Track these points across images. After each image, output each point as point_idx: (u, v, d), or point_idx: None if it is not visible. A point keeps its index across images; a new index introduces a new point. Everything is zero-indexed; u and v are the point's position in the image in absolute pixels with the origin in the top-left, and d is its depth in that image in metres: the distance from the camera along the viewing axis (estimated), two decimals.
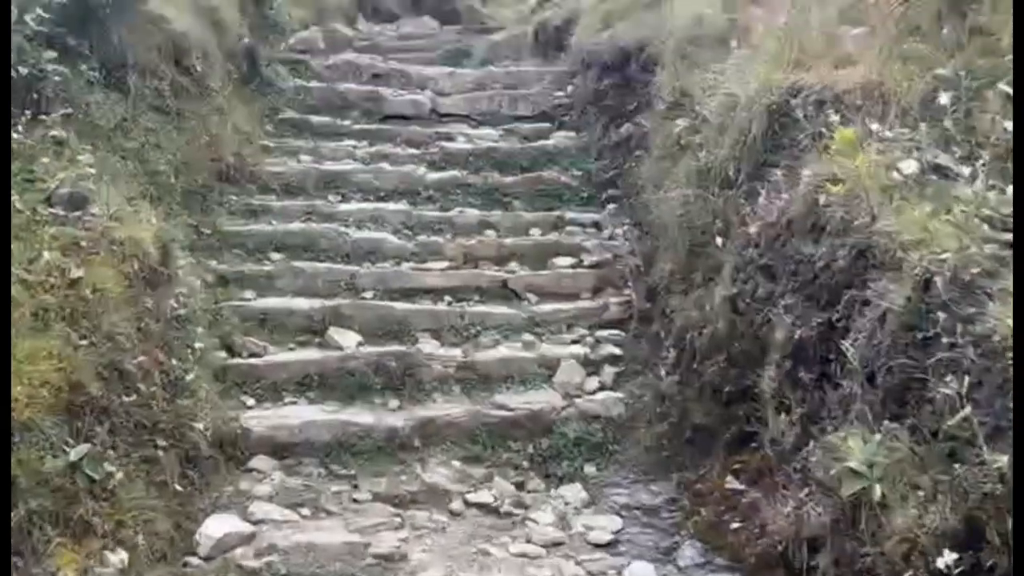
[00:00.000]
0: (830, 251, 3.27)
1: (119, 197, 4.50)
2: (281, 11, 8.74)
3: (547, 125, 8.08)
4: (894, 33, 3.78)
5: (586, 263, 6.11)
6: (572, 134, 7.83)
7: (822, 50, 4.20)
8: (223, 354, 4.94)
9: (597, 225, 6.59)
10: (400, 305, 5.56)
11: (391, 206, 6.61)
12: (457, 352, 5.25)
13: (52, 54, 4.69)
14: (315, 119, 7.76)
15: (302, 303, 5.47)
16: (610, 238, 6.33)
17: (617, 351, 5.34)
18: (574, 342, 5.45)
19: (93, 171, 4.32)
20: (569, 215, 6.68)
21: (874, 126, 3.24)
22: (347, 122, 7.84)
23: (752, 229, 3.89)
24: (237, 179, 6.43)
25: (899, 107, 3.50)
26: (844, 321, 3.10)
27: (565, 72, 8.74)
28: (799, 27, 4.45)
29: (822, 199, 3.32)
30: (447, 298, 5.76)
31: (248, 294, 5.49)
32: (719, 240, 4.25)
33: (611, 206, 6.52)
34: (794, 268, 3.56)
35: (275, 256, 5.90)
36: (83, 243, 3.89)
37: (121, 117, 5.25)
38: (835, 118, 3.55)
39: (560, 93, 8.47)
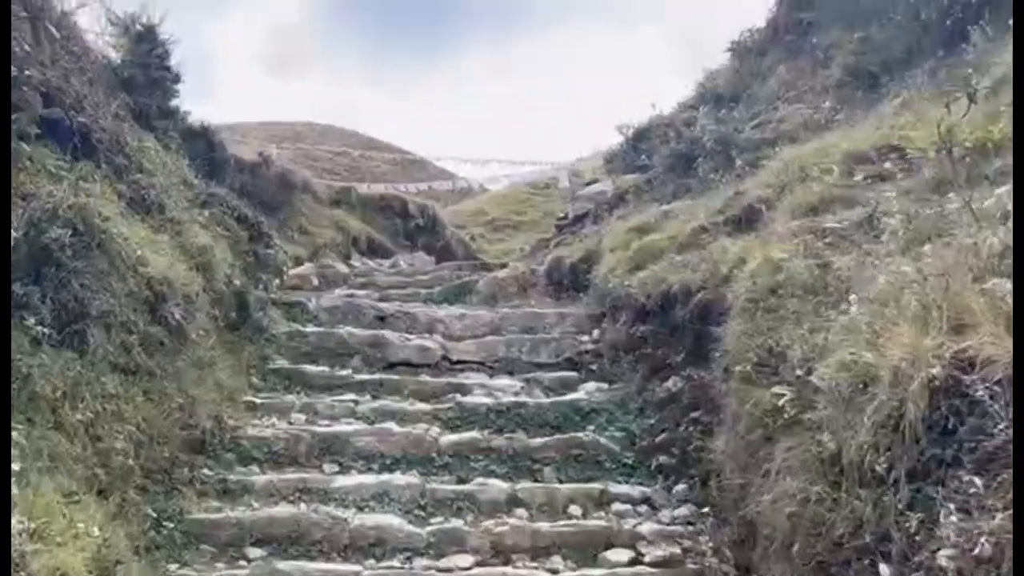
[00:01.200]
0: None
1: (52, 496, 3.39)
2: (276, 249, 8.01)
3: (574, 374, 7.21)
4: None
5: (647, 559, 4.81)
6: (604, 385, 6.89)
7: (981, 310, 3.27)
8: None
9: (649, 502, 5.42)
10: None
11: (399, 478, 5.47)
12: None
13: None
14: (310, 369, 6.76)
15: None
16: (672, 523, 5.13)
17: None
18: None
19: (17, 467, 3.16)
20: (613, 488, 5.53)
21: None
22: (347, 371, 6.86)
23: (943, 561, 2.74)
24: (214, 448, 5.30)
25: None
26: None
27: (587, 315, 8.02)
28: (932, 279, 3.54)
29: None
30: None
31: None
32: (884, 569, 3.07)
33: (678, 487, 5.35)
34: None
35: (254, 554, 4.61)
36: None
37: (73, 382, 4.16)
38: None
39: (585, 338, 7.69)
